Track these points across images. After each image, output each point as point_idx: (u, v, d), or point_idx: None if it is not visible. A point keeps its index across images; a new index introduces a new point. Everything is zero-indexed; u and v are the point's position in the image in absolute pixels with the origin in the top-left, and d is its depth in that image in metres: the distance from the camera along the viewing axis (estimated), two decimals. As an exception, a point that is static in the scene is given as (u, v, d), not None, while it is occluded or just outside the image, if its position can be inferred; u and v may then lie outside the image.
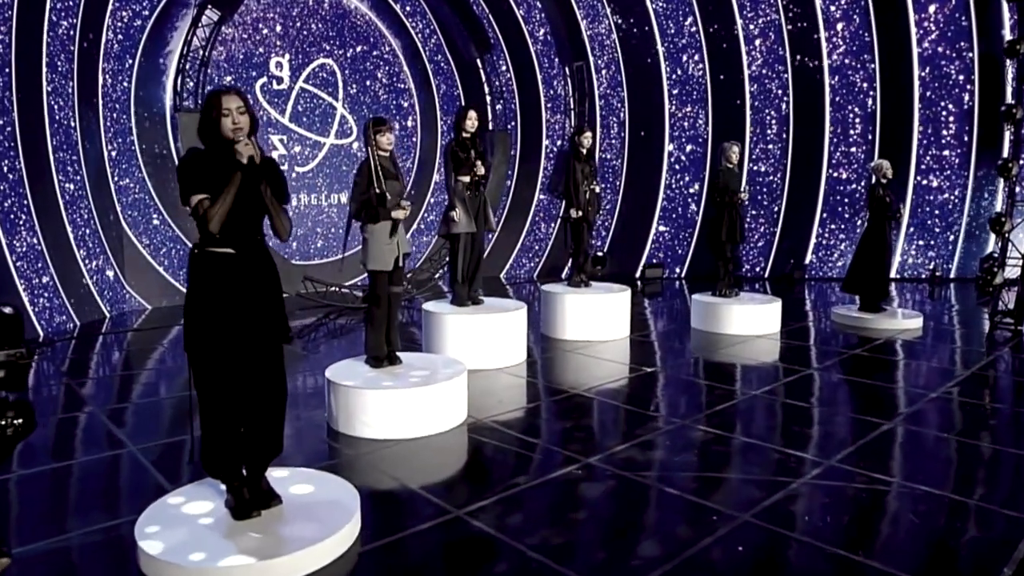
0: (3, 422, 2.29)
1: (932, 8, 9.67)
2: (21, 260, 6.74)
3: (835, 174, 10.70)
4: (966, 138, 9.95)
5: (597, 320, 6.72)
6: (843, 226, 10.70)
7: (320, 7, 9.76)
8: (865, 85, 10.37)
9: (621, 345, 6.56)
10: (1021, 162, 7.00)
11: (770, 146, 10.92)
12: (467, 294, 5.96)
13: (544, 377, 5.49)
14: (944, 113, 9.94)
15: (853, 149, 10.59)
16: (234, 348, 2.73)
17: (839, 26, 10.30)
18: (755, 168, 11.01)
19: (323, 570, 2.62)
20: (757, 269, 11.19)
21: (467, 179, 5.70)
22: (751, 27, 10.62)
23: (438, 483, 3.53)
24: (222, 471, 2.84)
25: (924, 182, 10.23)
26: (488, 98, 10.19)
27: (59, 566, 2.77)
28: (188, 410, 3.20)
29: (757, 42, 10.66)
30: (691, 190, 11.24)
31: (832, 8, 10.27)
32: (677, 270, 11.43)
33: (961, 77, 9.81)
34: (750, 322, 6.94)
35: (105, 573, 2.79)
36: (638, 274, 11.29)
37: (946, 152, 10.00)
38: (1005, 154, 8.84)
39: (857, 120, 10.50)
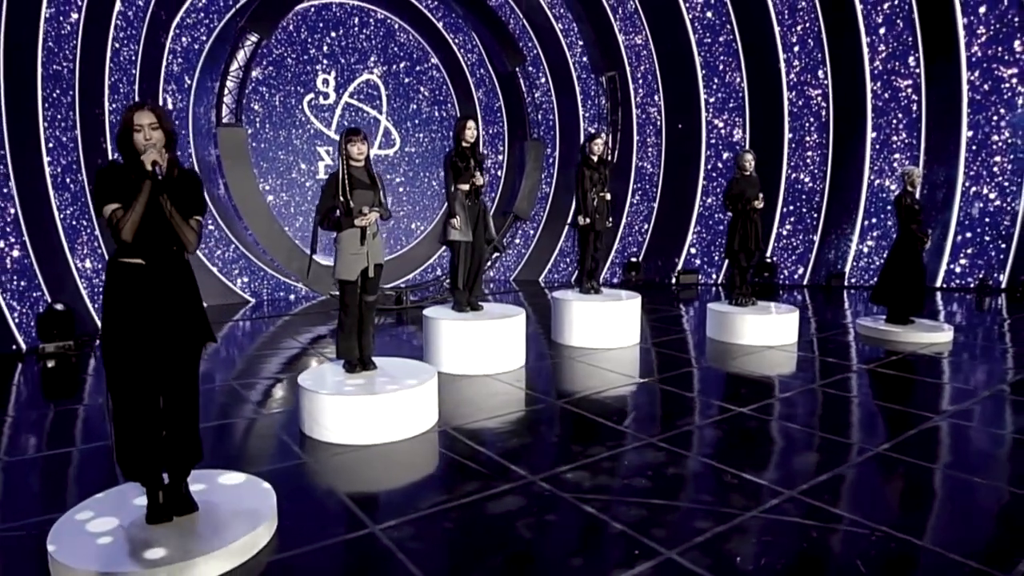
0: None
1: (982, 9, 8.61)
2: (83, 261, 6.99)
3: (878, 181, 9.75)
4: (1021, 143, 8.81)
5: (604, 327, 6.30)
6: (885, 234, 9.73)
7: (366, 27, 9.73)
8: (909, 90, 9.38)
9: (627, 353, 6.11)
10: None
11: (809, 153, 10.08)
12: (467, 300, 5.69)
13: (533, 385, 5.12)
14: (995, 118, 8.83)
15: (897, 156, 9.61)
16: (142, 355, 2.58)
17: (881, 31, 9.36)
18: (794, 176, 10.19)
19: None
20: (795, 276, 10.36)
21: (466, 188, 5.43)
22: (789, 34, 9.81)
23: (371, 493, 3.28)
24: (136, 474, 2.69)
25: (974, 189, 9.14)
26: (527, 108, 9.86)
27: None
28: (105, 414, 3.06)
29: (796, 48, 9.84)
30: (727, 197, 10.52)
31: (873, 13, 9.35)
32: (713, 276, 10.75)
33: (1015, 80, 8.69)
34: (765, 332, 6.33)
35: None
36: (672, 279, 10.69)
37: (997, 158, 8.89)
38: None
39: (901, 126, 9.51)
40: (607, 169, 6.58)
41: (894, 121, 9.57)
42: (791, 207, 10.25)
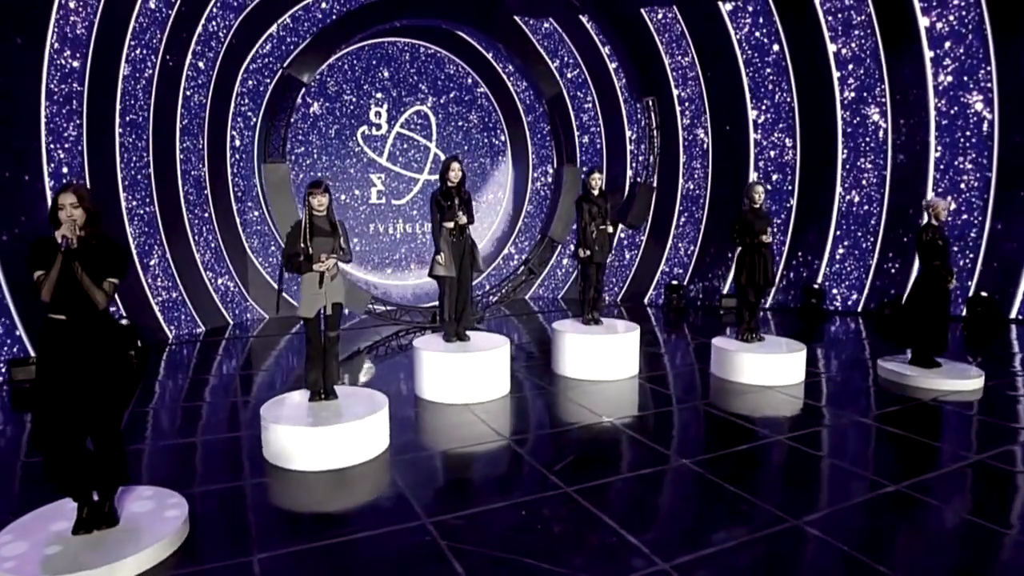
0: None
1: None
2: (155, 280, 7.84)
3: (942, 205, 8.77)
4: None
5: (598, 360, 6.18)
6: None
7: (415, 60, 10.11)
8: (979, 105, 8.37)
9: (616, 387, 5.96)
10: None
11: (865, 175, 9.25)
12: (454, 331, 5.81)
13: (499, 419, 5.12)
14: (1077, 136, 7.69)
15: (964, 177, 8.61)
16: (63, 395, 2.93)
17: (947, 44, 8.42)
18: (848, 198, 9.41)
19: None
20: (848, 303, 9.55)
21: (451, 226, 5.56)
22: (843, 51, 9.07)
23: (278, 520, 3.49)
24: (62, 489, 3.06)
25: (1054, 215, 8.01)
26: (561, 133, 9.82)
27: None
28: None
29: (850, 66, 9.08)
30: (777, 220, 9.89)
31: (940, 24, 8.43)
32: (761, 300, 10.11)
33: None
34: (766, 371, 5.94)
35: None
36: (718, 302, 10.20)
37: (1080, 181, 7.73)
38: None
39: (969, 146, 8.51)
40: (607, 203, 6.46)
41: (961, 140, 8.57)
42: (844, 230, 9.46)
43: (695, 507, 3.64)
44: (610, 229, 6.46)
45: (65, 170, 6.56)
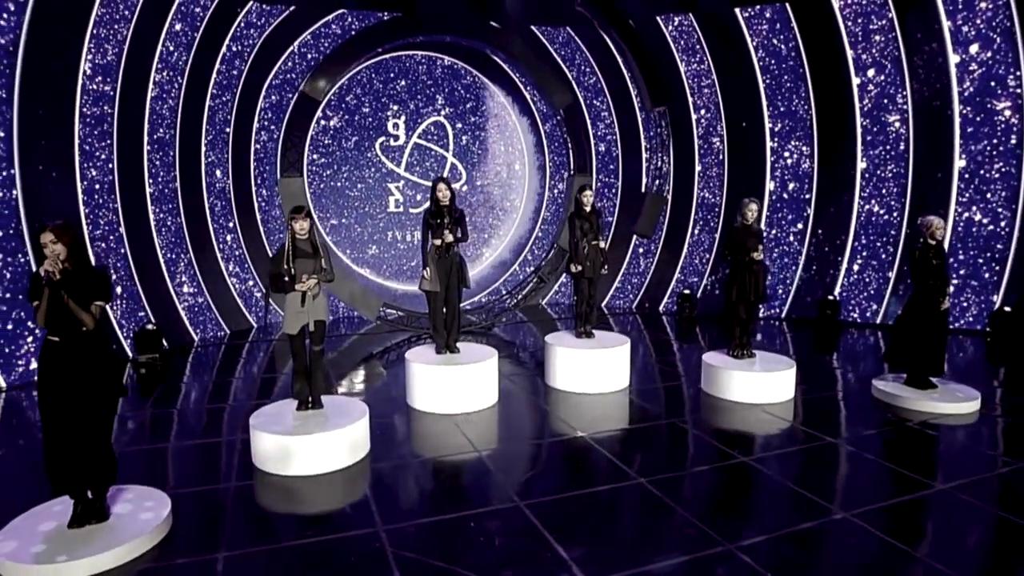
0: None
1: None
2: (180, 286, 8.44)
3: (966, 214, 8.55)
4: None
5: (587, 373, 6.37)
6: (975, 273, 8.53)
7: (432, 73, 10.44)
8: (1008, 112, 8.12)
9: (602, 401, 6.13)
10: None
11: (885, 184, 9.08)
12: (444, 343, 6.11)
13: (479, 430, 5.38)
14: (1107, 146, 7.38)
15: (992, 187, 8.36)
16: (60, 407, 3.38)
17: (973, 48, 8.19)
18: (867, 207, 9.25)
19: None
20: (867, 315, 9.40)
21: (439, 243, 5.84)
22: (864, 56, 8.91)
23: (250, 521, 3.85)
24: (59, 488, 3.51)
25: (1083, 228, 7.71)
26: (591, 140, 9.98)
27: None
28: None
29: (871, 72, 8.92)
30: (795, 228, 9.81)
31: (965, 28, 8.20)
32: (776, 310, 10.07)
33: None
34: (755, 389, 6.01)
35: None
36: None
37: (1109, 194, 7.43)
38: None
39: (995, 155, 8.26)
40: (598, 219, 6.64)
41: (988, 148, 8.32)
42: (863, 241, 9.31)
43: (639, 527, 3.82)
44: (602, 244, 6.64)
45: (97, 187, 7.16)
